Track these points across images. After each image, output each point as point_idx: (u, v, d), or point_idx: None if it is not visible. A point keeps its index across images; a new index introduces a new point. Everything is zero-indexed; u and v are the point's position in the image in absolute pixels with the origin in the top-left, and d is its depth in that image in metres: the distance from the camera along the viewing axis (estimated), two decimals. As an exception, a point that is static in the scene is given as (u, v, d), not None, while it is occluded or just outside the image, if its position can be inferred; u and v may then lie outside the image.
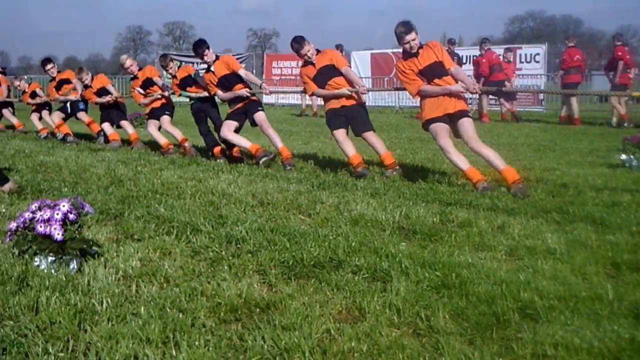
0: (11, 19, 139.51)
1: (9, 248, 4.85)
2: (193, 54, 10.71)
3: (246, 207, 6.54)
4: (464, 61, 23.54)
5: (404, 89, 8.30)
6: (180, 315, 3.63)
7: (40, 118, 15.20)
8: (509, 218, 5.95)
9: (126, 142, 12.77)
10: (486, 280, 4.19)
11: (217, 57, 10.24)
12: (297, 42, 8.98)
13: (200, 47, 10.17)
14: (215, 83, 10.19)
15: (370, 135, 8.83)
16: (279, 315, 3.66)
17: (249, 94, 10.00)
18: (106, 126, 12.82)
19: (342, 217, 6.03)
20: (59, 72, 14.51)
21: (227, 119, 10.08)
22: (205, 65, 10.35)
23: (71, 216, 4.56)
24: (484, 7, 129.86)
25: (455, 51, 22.09)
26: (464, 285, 4.09)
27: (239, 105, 10.03)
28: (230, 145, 10.32)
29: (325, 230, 5.51)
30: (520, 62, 25.86)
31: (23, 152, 11.32)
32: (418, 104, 8.54)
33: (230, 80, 10.08)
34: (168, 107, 11.74)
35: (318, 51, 9.05)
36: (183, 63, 29.93)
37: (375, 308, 3.77)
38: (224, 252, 4.88)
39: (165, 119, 11.60)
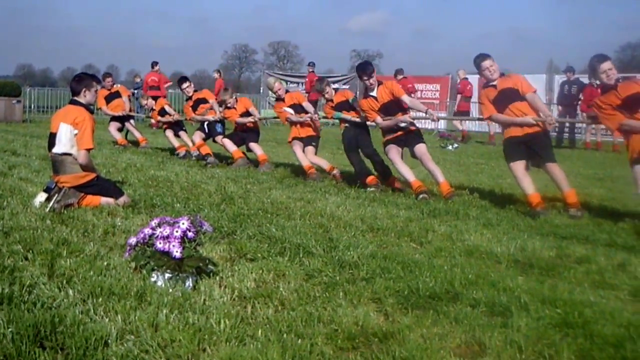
0: (121, 34, 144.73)
1: (126, 262, 4.95)
2: (297, 75, 10.54)
3: (356, 231, 6.50)
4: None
5: None
6: (299, 340, 3.60)
7: (177, 135, 14.99)
8: (630, 256, 5.73)
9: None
10: (611, 321, 4.03)
11: (380, 83, 9.61)
12: (481, 56, 8.31)
13: (366, 70, 9.57)
14: (375, 110, 9.46)
15: (553, 168, 7.94)
16: (398, 346, 3.59)
17: (412, 121, 9.39)
18: (228, 143, 12.64)
19: (455, 247, 5.92)
20: (195, 91, 14.34)
21: (390, 144, 9.40)
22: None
23: (190, 234, 4.63)
24: (593, 33, 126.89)
25: (581, 79, 21.47)
26: (588, 325, 3.94)
27: (399, 133, 9.35)
28: (386, 175, 10.00)
29: (439, 260, 5.41)
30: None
31: (134, 166, 11.59)
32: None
33: (392, 108, 9.39)
34: (315, 139, 11.33)
35: (502, 74, 8.32)
36: (288, 83, 30.43)
37: (495, 344, 3.67)
38: (338, 277, 4.85)
39: (310, 149, 11.19)
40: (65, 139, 7.32)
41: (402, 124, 9.25)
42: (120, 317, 3.86)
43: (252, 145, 12.52)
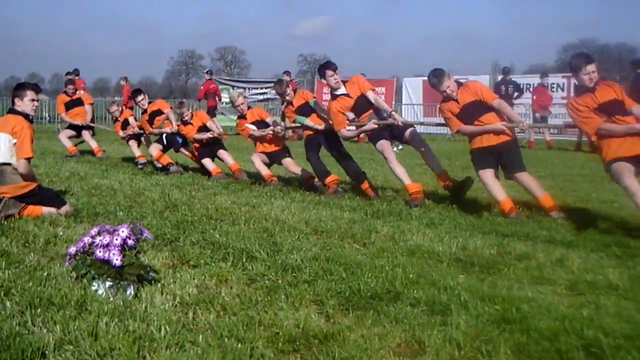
0: (66, 40, 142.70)
1: (67, 272, 4.90)
2: (244, 80, 10.24)
3: (300, 234, 6.53)
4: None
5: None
6: (239, 345, 3.62)
7: (139, 145, 14.47)
8: (568, 251, 5.86)
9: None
10: (547, 315, 4.12)
11: (344, 80, 9.28)
12: (436, 77, 8.03)
13: (331, 65, 9.20)
14: (348, 110, 9.06)
15: (524, 176, 7.75)
16: (338, 347, 3.62)
17: (377, 125, 8.91)
18: (207, 162, 12.12)
19: (398, 247, 5.98)
20: (149, 102, 13.88)
21: (380, 139, 8.93)
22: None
23: (130, 242, 4.60)
24: (537, 35, 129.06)
25: (513, 79, 21.97)
26: (525, 320, 4.01)
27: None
28: (359, 180, 9.53)
29: (381, 260, 5.46)
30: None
31: (78, 174, 11.45)
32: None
33: (362, 105, 9.08)
34: (287, 150, 10.99)
35: (459, 84, 8.10)
36: (235, 88, 30.32)
37: (435, 342, 3.71)
38: (280, 281, 4.87)
39: (289, 161, 10.82)
40: (5, 149, 7.21)
41: (374, 126, 8.93)
42: (59, 327, 3.82)
43: (222, 153, 12.15)
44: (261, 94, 31.92)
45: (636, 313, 4.21)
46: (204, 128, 12.36)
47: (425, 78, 13.98)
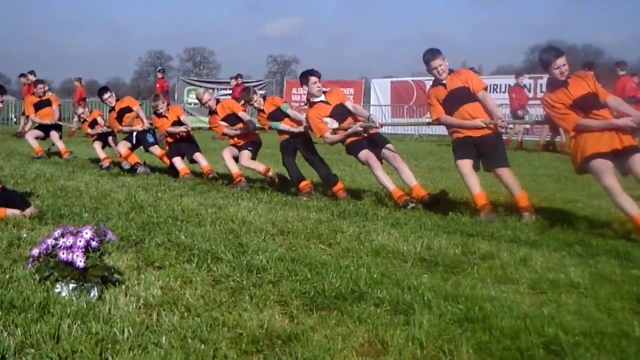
0: (32, 41, 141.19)
1: (30, 274, 4.86)
2: (213, 81, 10.21)
3: (266, 235, 6.54)
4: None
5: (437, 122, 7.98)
6: (202, 346, 3.61)
7: (104, 147, 14.19)
8: (531, 250, 5.91)
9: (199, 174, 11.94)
10: (509, 314, 4.14)
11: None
12: (431, 53, 7.93)
13: (315, 72, 9.30)
14: (326, 115, 9.08)
15: (505, 172, 7.71)
16: (301, 347, 3.63)
17: (361, 129, 8.83)
18: (177, 161, 11.98)
19: (363, 247, 6.01)
20: (117, 100, 13.75)
21: (360, 149, 8.84)
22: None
23: (93, 243, 4.57)
24: (504, 36, 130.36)
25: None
26: (487, 319, 4.04)
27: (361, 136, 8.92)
28: (331, 184, 9.51)
29: (346, 260, 5.49)
30: (542, 91, 25.94)
31: (44, 176, 11.35)
32: (439, 132, 8.23)
33: (341, 113, 9.09)
34: (252, 144, 10.93)
35: (451, 71, 8.00)
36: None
37: (398, 342, 3.73)
38: (245, 282, 4.87)
39: (246, 153, 10.77)
40: (-33, 151, 7.15)
41: (359, 129, 8.84)
42: (20, 331, 3.78)
43: (196, 156, 11.99)
44: (230, 94, 31.88)
45: (596, 311, 4.28)
46: (178, 123, 12.27)
47: (394, 79, 13.89)
